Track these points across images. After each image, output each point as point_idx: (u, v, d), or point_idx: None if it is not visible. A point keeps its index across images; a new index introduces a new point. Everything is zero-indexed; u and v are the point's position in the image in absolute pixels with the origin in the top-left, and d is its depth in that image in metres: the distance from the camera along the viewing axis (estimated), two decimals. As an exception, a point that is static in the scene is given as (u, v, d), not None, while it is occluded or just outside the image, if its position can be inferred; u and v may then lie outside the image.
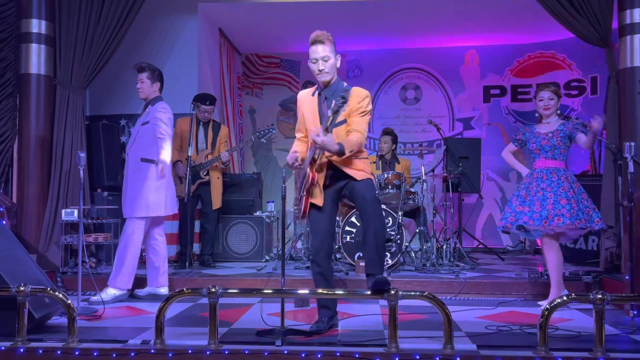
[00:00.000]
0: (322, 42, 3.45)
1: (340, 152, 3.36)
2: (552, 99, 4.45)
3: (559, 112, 4.50)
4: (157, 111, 4.70)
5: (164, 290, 4.80)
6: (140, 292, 4.84)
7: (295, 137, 3.78)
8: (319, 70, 3.47)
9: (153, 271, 4.82)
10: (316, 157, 3.48)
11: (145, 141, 4.70)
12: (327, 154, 3.45)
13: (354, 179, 3.46)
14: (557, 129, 4.40)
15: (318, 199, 3.55)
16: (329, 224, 3.59)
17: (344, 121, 3.44)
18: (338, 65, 3.53)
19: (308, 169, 3.48)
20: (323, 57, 3.45)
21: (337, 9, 6.91)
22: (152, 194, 4.65)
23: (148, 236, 4.82)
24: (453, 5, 6.81)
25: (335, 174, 3.52)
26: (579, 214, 4.19)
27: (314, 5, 6.78)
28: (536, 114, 4.56)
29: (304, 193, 3.53)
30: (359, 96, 3.48)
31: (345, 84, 3.59)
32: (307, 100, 3.62)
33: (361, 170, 3.49)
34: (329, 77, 3.50)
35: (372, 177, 3.55)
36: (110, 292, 4.59)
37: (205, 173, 5.90)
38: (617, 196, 4.92)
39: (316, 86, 3.63)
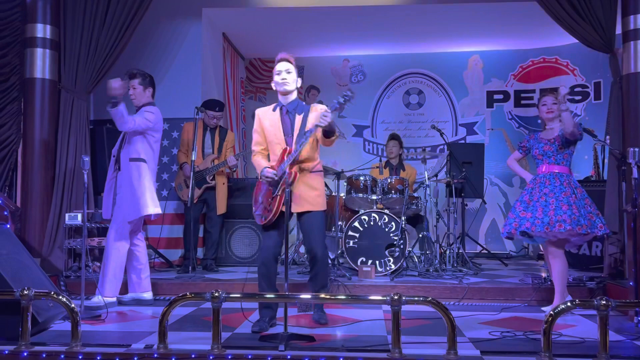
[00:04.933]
0: (287, 60, 3.94)
1: (333, 132, 3.76)
2: (556, 103, 4.43)
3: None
4: (143, 111, 4.66)
5: (147, 295, 4.77)
6: (123, 297, 4.76)
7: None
8: (281, 79, 3.88)
9: (135, 276, 4.76)
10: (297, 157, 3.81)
11: (132, 142, 4.65)
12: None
13: (304, 209, 3.89)
14: (558, 135, 4.39)
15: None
16: (283, 229, 3.88)
17: (312, 130, 3.75)
18: (299, 85, 3.97)
19: (288, 169, 3.77)
20: (287, 69, 3.90)
21: (340, 14, 6.93)
22: (147, 194, 4.59)
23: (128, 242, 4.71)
24: (456, 10, 6.81)
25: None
26: (580, 220, 4.14)
27: (318, 10, 6.80)
28: (539, 120, 4.53)
29: (279, 192, 3.79)
30: (320, 111, 3.79)
31: (304, 103, 4.01)
32: (267, 115, 3.98)
33: (316, 200, 3.90)
34: (290, 87, 3.91)
35: (322, 205, 3.94)
36: (97, 300, 4.45)
37: (211, 178, 5.91)
38: (621, 202, 4.92)
39: (276, 103, 4.01)
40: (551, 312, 3.01)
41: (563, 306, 3.05)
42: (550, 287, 4.70)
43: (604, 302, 2.94)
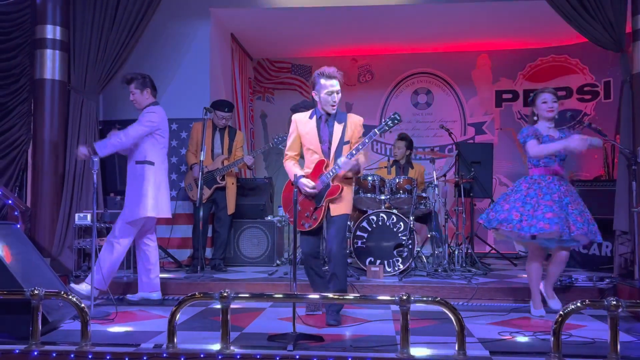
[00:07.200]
0: (338, 80, 3.99)
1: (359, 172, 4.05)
2: (556, 101, 4.27)
3: (556, 117, 4.31)
4: (144, 113, 4.67)
5: (156, 295, 4.79)
6: (132, 297, 4.79)
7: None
8: (333, 101, 3.99)
9: (145, 276, 4.78)
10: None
11: (138, 144, 4.67)
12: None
13: (333, 213, 4.03)
14: (560, 137, 4.25)
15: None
16: (320, 233, 4.21)
17: (347, 142, 4.02)
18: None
19: (331, 182, 3.97)
20: (338, 92, 3.99)
21: (349, 14, 6.93)
22: (148, 196, 4.60)
23: (139, 241, 4.75)
24: (464, 10, 6.79)
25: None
26: (589, 226, 4.09)
27: (326, 10, 6.80)
28: (535, 117, 4.36)
29: (324, 203, 3.99)
30: (358, 122, 4.08)
31: (344, 112, 4.13)
32: (304, 122, 4.12)
33: (347, 205, 4.07)
34: (336, 109, 4.04)
35: (350, 209, 4.13)
36: (86, 288, 4.44)
37: (221, 178, 5.93)
38: (632, 202, 4.88)
39: (312, 110, 4.12)
40: (561, 313, 2.99)
41: (573, 306, 3.03)
42: (558, 287, 4.68)
43: (615, 302, 2.91)
